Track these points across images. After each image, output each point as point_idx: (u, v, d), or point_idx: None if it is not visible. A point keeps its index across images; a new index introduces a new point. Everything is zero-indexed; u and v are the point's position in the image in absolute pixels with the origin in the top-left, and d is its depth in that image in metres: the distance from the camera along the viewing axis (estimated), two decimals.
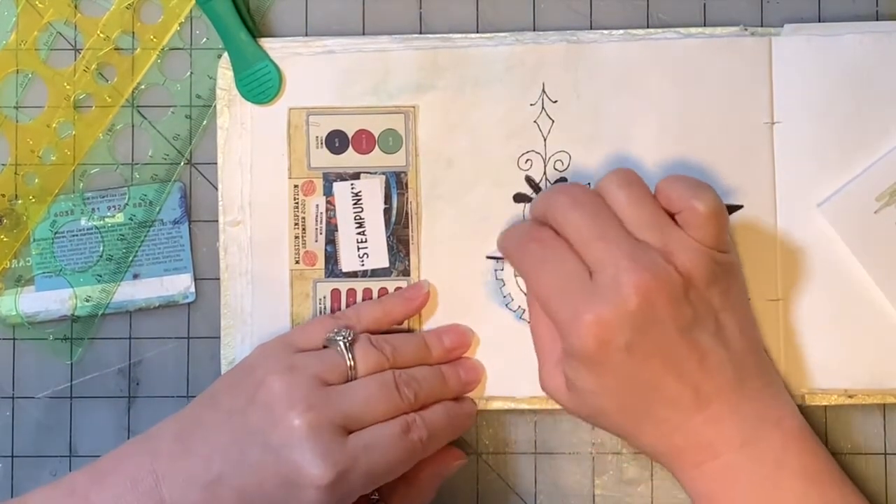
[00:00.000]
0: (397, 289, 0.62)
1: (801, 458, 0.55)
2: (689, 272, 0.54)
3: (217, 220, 0.63)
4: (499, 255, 0.61)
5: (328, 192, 0.63)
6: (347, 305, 0.62)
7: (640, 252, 0.53)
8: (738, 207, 0.59)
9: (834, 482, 0.56)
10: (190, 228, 0.64)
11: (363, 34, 0.64)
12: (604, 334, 0.53)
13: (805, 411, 0.62)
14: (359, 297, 0.63)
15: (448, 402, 0.59)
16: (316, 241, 0.63)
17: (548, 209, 0.56)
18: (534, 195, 0.62)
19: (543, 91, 0.62)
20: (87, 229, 0.64)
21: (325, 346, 0.58)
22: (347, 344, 0.57)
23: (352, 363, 0.57)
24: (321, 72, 0.63)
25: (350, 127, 0.63)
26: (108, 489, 0.54)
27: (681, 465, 0.56)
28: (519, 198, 0.62)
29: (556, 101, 0.62)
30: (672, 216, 0.55)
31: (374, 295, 0.63)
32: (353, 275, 0.63)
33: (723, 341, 0.55)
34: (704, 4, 0.64)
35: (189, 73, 0.64)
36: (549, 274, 0.55)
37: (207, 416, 0.55)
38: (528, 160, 0.62)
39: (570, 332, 0.54)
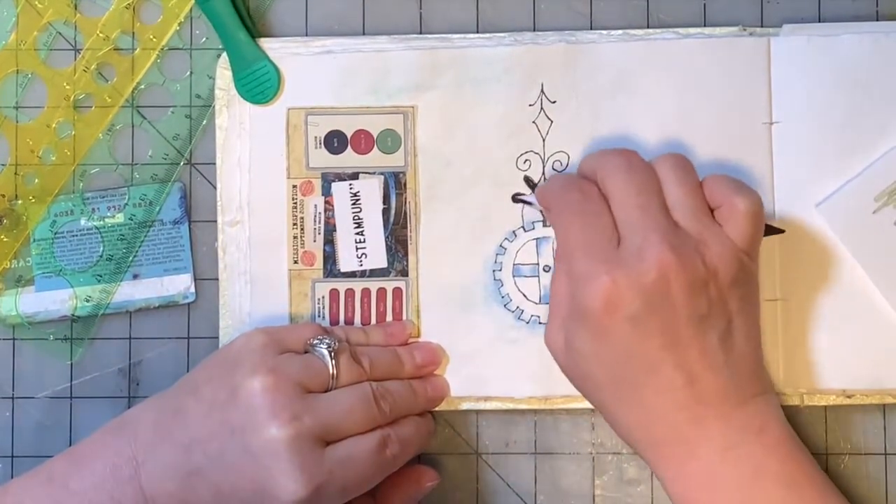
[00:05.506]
0: (394, 296, 0.63)
1: (783, 466, 0.54)
2: (716, 267, 0.54)
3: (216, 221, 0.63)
4: (527, 198, 0.62)
5: (327, 192, 0.63)
6: (346, 306, 0.62)
7: (672, 233, 0.54)
8: (780, 231, 0.59)
9: (815, 490, 0.55)
10: (190, 228, 0.64)
11: (363, 34, 0.64)
12: (613, 298, 0.53)
13: (804, 411, 0.62)
14: (357, 298, 0.63)
15: (415, 418, 0.60)
16: (314, 241, 0.63)
17: (600, 166, 0.56)
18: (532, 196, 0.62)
19: (542, 91, 0.62)
20: (87, 229, 0.64)
21: (306, 351, 0.58)
22: (332, 353, 0.57)
23: (334, 372, 0.57)
24: (320, 72, 0.63)
25: (349, 127, 0.63)
26: (88, 476, 0.54)
27: (657, 459, 0.55)
28: (518, 198, 0.62)
29: (554, 102, 0.62)
30: (712, 212, 0.55)
31: (373, 295, 0.63)
32: (352, 275, 0.63)
33: (728, 345, 0.54)
34: (704, 4, 0.64)
35: (189, 73, 0.64)
36: (582, 226, 0.55)
37: (189, 406, 0.55)
38: (526, 160, 0.62)
39: (582, 288, 0.54)
